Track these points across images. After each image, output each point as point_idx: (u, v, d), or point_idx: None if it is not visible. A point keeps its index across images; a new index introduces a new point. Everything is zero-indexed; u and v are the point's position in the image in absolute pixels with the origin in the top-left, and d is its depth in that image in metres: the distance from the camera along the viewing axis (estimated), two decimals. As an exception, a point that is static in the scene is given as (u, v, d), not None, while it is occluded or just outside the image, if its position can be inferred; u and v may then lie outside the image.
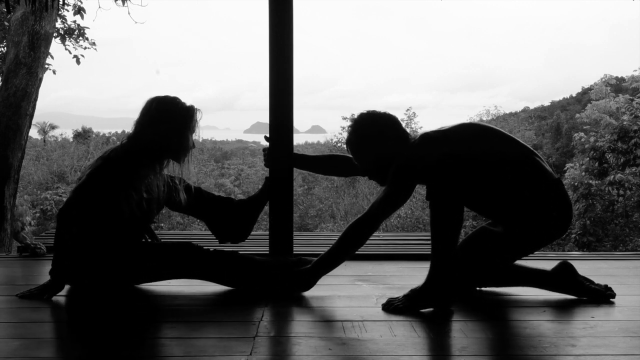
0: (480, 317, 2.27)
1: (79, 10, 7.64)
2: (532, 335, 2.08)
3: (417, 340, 1.99)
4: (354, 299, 2.49)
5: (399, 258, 3.33)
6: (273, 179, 2.91)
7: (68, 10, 7.80)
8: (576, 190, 13.07)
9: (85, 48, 8.34)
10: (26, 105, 6.42)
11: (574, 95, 43.25)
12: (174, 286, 2.65)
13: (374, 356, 1.88)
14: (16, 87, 6.36)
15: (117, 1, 6.82)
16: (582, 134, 14.81)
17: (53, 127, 36.12)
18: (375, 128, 2.47)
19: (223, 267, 2.57)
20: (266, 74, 2.93)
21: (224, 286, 2.62)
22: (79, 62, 8.26)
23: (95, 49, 8.48)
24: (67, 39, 8.20)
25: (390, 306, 2.32)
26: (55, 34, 7.46)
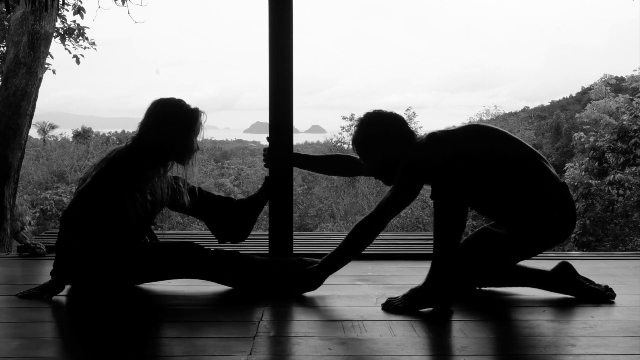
0: (480, 317, 2.27)
1: (79, 10, 7.63)
2: (532, 335, 2.08)
3: (417, 340, 1.99)
4: (354, 299, 2.49)
5: (399, 258, 3.34)
6: (273, 179, 2.91)
7: (68, 10, 7.81)
8: (576, 190, 13.06)
9: (85, 48, 8.35)
10: (26, 105, 6.42)
11: (574, 95, 43.25)
12: (174, 286, 2.66)
13: (374, 356, 1.88)
14: (16, 87, 6.36)
15: (117, 1, 6.82)
16: (582, 134, 14.82)
17: (53, 127, 36.08)
18: (381, 128, 2.47)
19: (224, 267, 2.57)
20: (266, 74, 2.93)
21: (224, 286, 2.62)
22: (79, 62, 8.26)
23: (95, 49, 8.48)
24: (67, 39, 8.20)
25: (390, 306, 2.32)
26: (55, 34, 7.46)
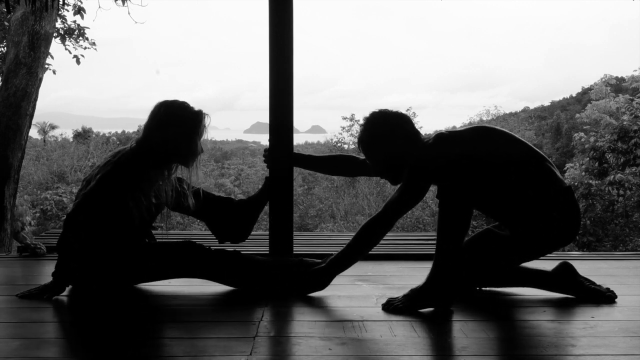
0: (480, 317, 2.27)
1: (79, 10, 7.63)
2: (532, 335, 2.08)
3: (417, 340, 1.99)
4: (354, 299, 2.49)
5: (399, 258, 3.34)
6: (273, 179, 2.91)
7: (68, 10, 7.81)
8: (576, 190, 13.06)
9: (85, 48, 8.35)
10: (26, 105, 6.42)
11: (574, 95, 43.27)
12: (174, 286, 2.66)
13: (374, 356, 1.88)
14: (16, 87, 6.36)
15: (117, 1, 6.81)
16: (582, 134, 14.82)
17: (53, 127, 36.07)
18: (387, 127, 2.47)
19: (225, 266, 2.57)
20: (266, 74, 2.93)
21: (224, 286, 2.62)
22: (79, 62, 8.26)
23: (95, 49, 8.48)
24: (67, 39, 8.20)
25: (390, 306, 2.32)
26: (55, 34, 7.46)
